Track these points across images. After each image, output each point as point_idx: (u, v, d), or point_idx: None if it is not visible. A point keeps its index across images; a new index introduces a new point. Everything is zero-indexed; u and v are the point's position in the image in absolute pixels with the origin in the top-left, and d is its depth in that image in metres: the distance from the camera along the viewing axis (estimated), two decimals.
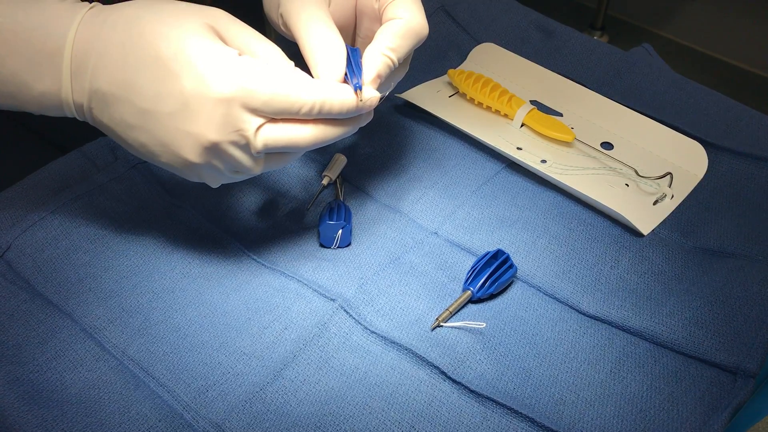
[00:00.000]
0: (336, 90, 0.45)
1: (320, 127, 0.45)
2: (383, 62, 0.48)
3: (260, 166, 0.46)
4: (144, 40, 0.42)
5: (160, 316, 0.51)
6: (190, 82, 0.42)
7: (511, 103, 0.65)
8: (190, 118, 0.42)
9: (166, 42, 0.42)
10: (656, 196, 0.59)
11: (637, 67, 0.71)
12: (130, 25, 0.43)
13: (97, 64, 0.43)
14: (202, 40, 0.42)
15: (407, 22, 0.49)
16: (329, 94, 0.44)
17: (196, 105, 0.42)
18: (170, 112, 0.42)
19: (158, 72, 0.42)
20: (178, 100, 0.42)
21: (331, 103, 0.44)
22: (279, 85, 0.43)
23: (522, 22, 0.76)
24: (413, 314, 0.51)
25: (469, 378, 0.47)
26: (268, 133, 0.44)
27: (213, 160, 0.44)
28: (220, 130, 0.43)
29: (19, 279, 0.52)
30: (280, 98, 0.43)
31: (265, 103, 0.43)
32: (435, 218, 0.58)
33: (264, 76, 0.43)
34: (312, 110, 0.44)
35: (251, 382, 0.48)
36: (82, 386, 0.47)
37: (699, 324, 0.49)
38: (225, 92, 0.42)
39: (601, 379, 0.48)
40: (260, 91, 0.42)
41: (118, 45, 0.43)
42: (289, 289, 0.53)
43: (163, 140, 0.44)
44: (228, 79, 0.42)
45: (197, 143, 0.43)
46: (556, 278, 0.54)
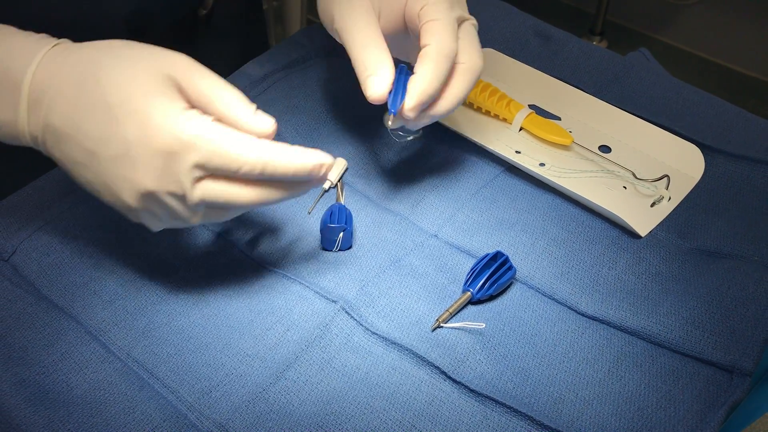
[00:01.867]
0: (283, 152, 0.44)
1: (263, 189, 0.45)
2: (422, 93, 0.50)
3: (198, 218, 0.46)
4: (97, 84, 0.43)
5: (163, 319, 0.52)
6: (132, 131, 0.42)
7: (509, 107, 0.66)
8: (130, 165, 0.43)
9: (116, 89, 0.43)
10: (654, 198, 0.60)
11: (634, 72, 0.72)
12: (88, 67, 0.44)
13: (52, 101, 0.44)
14: (151, 90, 0.43)
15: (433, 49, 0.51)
16: (274, 156, 0.44)
17: (136, 153, 0.43)
18: (112, 156, 0.43)
19: (105, 116, 0.43)
20: (120, 146, 0.43)
21: (275, 165, 0.44)
22: (220, 143, 0.43)
23: (521, 27, 0.77)
24: (414, 315, 0.52)
25: (469, 378, 0.48)
26: (206, 188, 0.44)
27: (150, 206, 0.45)
28: (158, 180, 0.43)
29: (24, 282, 0.53)
30: (220, 156, 0.43)
31: (203, 158, 0.43)
32: (435, 221, 0.59)
33: (206, 133, 0.43)
34: (252, 171, 0.44)
35: (254, 383, 0.48)
36: (88, 387, 0.48)
37: (696, 323, 0.50)
38: (164, 145, 0.42)
39: (599, 378, 0.48)
40: (199, 147, 0.42)
41: (74, 85, 0.44)
42: (292, 291, 0.54)
43: (105, 181, 0.45)
44: (169, 132, 0.42)
45: (135, 189, 0.44)
46: (555, 279, 0.54)
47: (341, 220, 0.56)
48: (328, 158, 0.46)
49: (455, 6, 0.53)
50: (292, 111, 0.68)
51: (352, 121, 0.67)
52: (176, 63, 0.45)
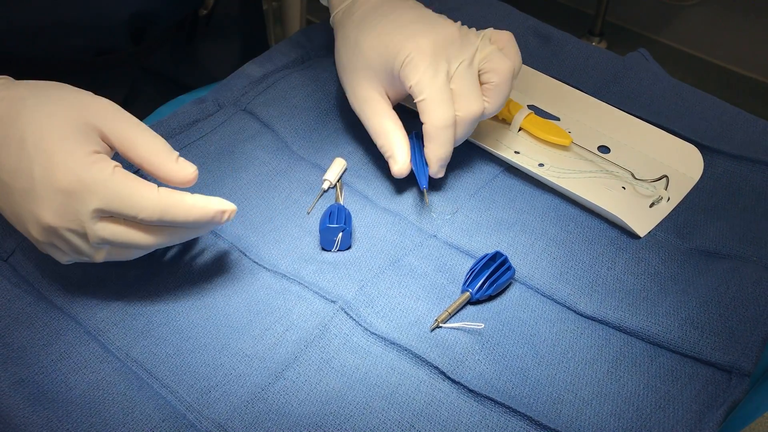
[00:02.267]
0: (182, 201, 0.46)
1: (163, 232, 0.48)
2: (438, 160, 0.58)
3: (102, 255, 0.48)
4: (17, 119, 0.46)
5: (162, 319, 0.52)
6: (39, 168, 0.45)
7: (508, 107, 0.66)
8: (35, 200, 0.45)
9: (32, 127, 0.45)
10: (653, 198, 0.60)
11: (633, 72, 0.72)
12: (13, 103, 0.46)
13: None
14: (64, 132, 0.45)
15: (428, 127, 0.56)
16: (173, 205, 0.46)
17: (41, 190, 0.45)
18: (21, 189, 0.45)
19: (19, 152, 0.45)
20: (27, 181, 0.45)
21: (174, 213, 0.46)
22: (120, 189, 0.45)
23: (519, 28, 0.77)
24: (413, 315, 0.52)
25: (468, 378, 0.48)
26: (106, 229, 0.46)
27: (54, 241, 0.47)
28: (59, 217, 0.45)
29: (23, 282, 0.53)
30: (119, 202, 0.45)
31: (103, 203, 0.45)
32: (434, 221, 0.59)
33: (107, 178, 0.45)
34: (151, 218, 0.46)
35: (253, 383, 0.48)
36: (87, 387, 0.48)
37: (694, 324, 0.50)
38: (66, 184, 0.44)
39: (598, 378, 0.48)
40: (99, 191, 0.45)
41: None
42: (291, 291, 0.54)
43: (16, 212, 0.47)
44: (72, 173, 0.44)
45: (38, 223, 0.46)
46: (554, 280, 0.54)
47: (340, 220, 0.56)
48: (229, 206, 0.48)
49: (440, 62, 0.55)
50: (292, 111, 0.68)
51: (351, 121, 0.67)
52: (101, 110, 0.47)
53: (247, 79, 0.70)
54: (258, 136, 0.66)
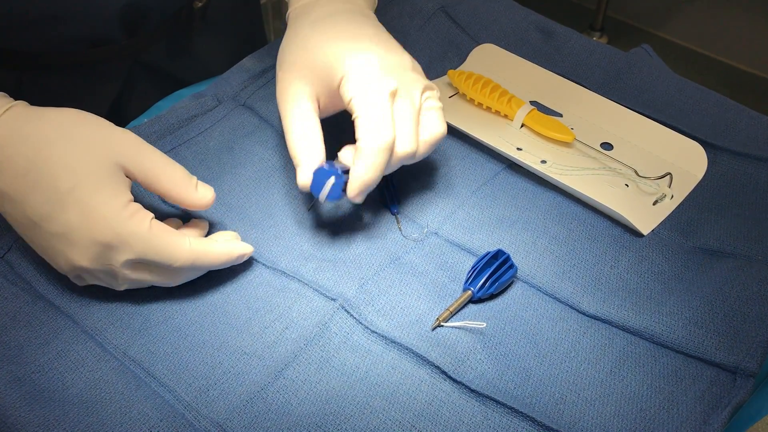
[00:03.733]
0: (210, 248, 0.50)
1: (188, 272, 0.51)
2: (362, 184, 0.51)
3: (124, 287, 0.51)
4: (47, 165, 0.46)
5: (160, 317, 0.52)
6: (75, 218, 0.46)
7: (511, 103, 0.65)
8: (70, 245, 0.47)
9: (66, 175, 0.46)
10: (656, 196, 0.59)
11: (636, 68, 0.71)
12: (40, 146, 0.46)
13: (2, 166, 0.46)
14: (98, 180, 0.46)
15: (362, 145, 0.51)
16: (202, 254, 0.50)
17: (78, 239, 0.47)
18: (54, 233, 0.47)
19: (52, 197, 0.46)
20: (62, 227, 0.46)
21: (203, 261, 0.50)
22: (156, 243, 0.48)
23: (522, 23, 0.76)
24: (414, 314, 0.51)
25: (469, 377, 0.47)
26: (137, 273, 0.49)
27: (82, 275, 0.49)
28: (93, 262, 0.47)
29: (20, 280, 0.53)
30: (155, 254, 0.48)
31: (138, 255, 0.47)
32: (435, 218, 0.59)
33: (144, 232, 0.47)
34: (183, 266, 0.49)
35: (252, 382, 0.48)
36: (84, 386, 0.47)
37: (698, 323, 0.50)
38: (104, 238, 0.46)
39: (601, 378, 0.48)
40: (135, 245, 0.47)
41: (24, 158, 0.46)
42: (290, 288, 0.53)
43: (44, 246, 0.49)
44: (109, 227, 0.46)
45: (70, 263, 0.48)
46: (556, 278, 0.54)
47: (336, 172, 0.52)
48: (249, 249, 0.53)
49: (383, 83, 0.51)
50: None
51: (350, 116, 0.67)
52: (124, 145, 0.48)
53: (246, 73, 0.70)
54: (258, 132, 0.65)
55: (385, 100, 0.51)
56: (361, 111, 0.51)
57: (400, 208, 0.59)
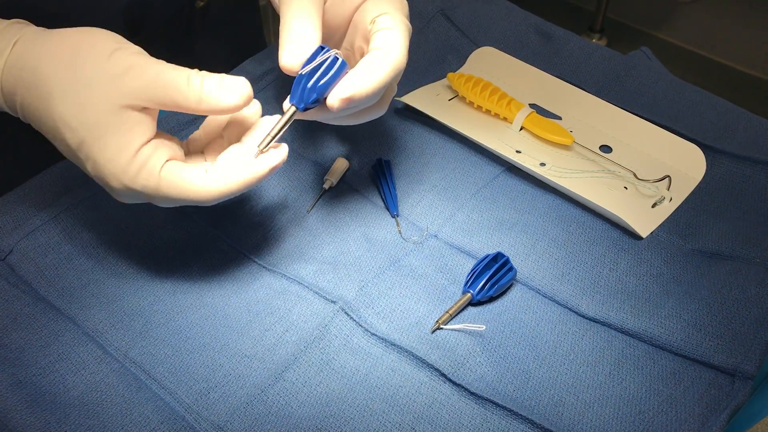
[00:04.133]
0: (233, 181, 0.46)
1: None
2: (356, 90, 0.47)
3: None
4: (54, 122, 0.45)
5: (161, 319, 0.52)
6: (92, 171, 0.46)
7: (510, 106, 0.66)
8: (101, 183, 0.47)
9: (70, 134, 0.45)
10: (655, 198, 0.60)
11: (635, 71, 0.71)
12: (43, 97, 0.45)
13: (23, 103, 0.46)
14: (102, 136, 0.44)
15: (387, 54, 0.48)
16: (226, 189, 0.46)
17: (102, 183, 0.47)
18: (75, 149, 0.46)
19: (66, 151, 0.46)
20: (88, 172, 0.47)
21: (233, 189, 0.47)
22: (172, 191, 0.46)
23: (521, 25, 0.76)
24: (413, 317, 0.51)
25: (469, 380, 0.48)
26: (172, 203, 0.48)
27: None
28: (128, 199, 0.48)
29: (21, 283, 0.53)
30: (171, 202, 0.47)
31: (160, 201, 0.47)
32: (435, 221, 0.59)
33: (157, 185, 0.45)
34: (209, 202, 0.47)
35: (253, 384, 0.48)
36: (85, 389, 0.47)
37: (697, 326, 0.50)
38: (121, 189, 0.46)
39: (600, 380, 0.48)
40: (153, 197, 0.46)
41: (35, 109, 0.45)
42: (291, 291, 0.53)
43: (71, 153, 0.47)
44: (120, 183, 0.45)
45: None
46: (556, 281, 0.54)
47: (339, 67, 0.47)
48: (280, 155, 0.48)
49: (406, 20, 0.51)
50: None
51: None
52: (129, 82, 0.45)
53: (246, 76, 0.69)
54: None
55: (407, 33, 0.50)
56: (392, 25, 0.49)
57: (399, 211, 0.59)
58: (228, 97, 0.46)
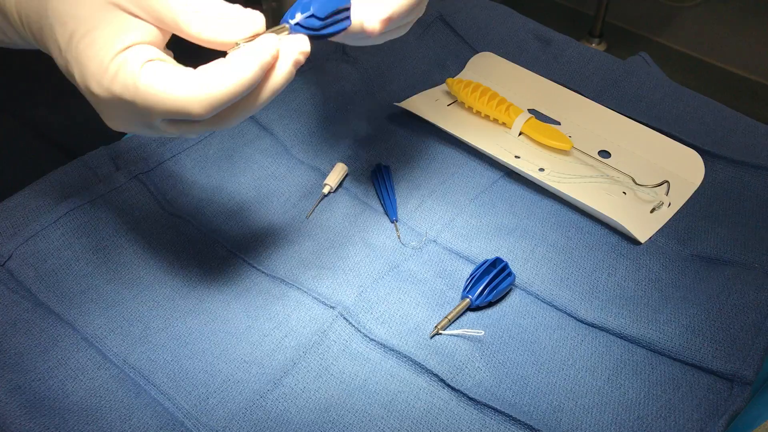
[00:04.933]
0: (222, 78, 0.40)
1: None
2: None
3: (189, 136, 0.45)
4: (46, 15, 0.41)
5: (160, 325, 0.52)
6: (79, 78, 0.41)
7: (509, 111, 0.66)
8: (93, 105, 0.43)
9: (62, 27, 0.40)
10: (653, 204, 0.60)
11: (634, 76, 0.71)
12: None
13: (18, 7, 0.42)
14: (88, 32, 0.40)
15: None
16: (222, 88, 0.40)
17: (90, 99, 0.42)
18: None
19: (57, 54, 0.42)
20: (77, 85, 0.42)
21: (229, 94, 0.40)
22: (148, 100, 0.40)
23: (520, 31, 0.76)
24: (412, 322, 0.52)
25: (467, 385, 0.48)
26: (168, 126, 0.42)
27: None
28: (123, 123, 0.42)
29: (21, 288, 0.53)
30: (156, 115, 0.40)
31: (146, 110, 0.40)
32: (434, 226, 0.59)
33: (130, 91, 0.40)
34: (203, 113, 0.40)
35: (251, 390, 0.48)
36: (84, 394, 0.47)
37: (696, 331, 0.50)
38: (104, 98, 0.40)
39: (598, 386, 0.48)
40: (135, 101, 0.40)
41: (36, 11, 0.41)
42: (289, 296, 0.53)
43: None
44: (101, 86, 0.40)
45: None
46: (554, 286, 0.54)
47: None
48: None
49: None
50: (291, 115, 0.67)
51: (352, 126, 0.67)
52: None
53: None
54: (257, 140, 0.65)
55: None
56: None
57: (398, 216, 0.60)
58: (231, 33, 0.41)
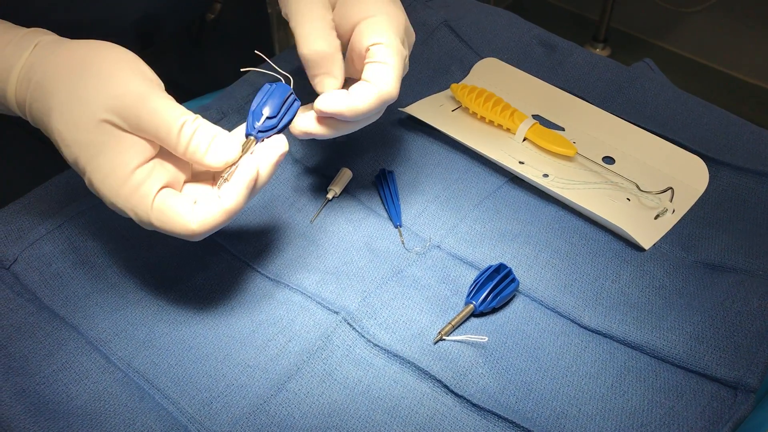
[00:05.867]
0: (218, 210, 0.46)
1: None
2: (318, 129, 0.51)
3: None
4: (51, 134, 0.46)
5: (165, 329, 0.52)
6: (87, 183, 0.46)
7: (513, 117, 0.66)
8: None
9: (67, 149, 0.45)
10: (657, 210, 0.60)
11: (638, 82, 0.71)
12: (44, 112, 0.45)
13: (31, 114, 0.47)
14: (93, 157, 0.44)
15: (375, 87, 0.50)
16: (211, 219, 0.46)
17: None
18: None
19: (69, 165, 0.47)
20: None
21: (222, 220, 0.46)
22: (161, 217, 0.46)
23: (525, 36, 0.76)
24: (416, 327, 0.52)
25: (471, 391, 0.48)
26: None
27: None
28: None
29: (26, 292, 0.53)
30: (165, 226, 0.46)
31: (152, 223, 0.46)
32: (437, 231, 0.59)
33: (149, 211, 0.45)
34: (197, 236, 0.46)
35: (255, 394, 0.48)
36: (88, 398, 0.48)
37: (699, 338, 0.50)
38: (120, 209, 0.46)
39: (602, 393, 0.48)
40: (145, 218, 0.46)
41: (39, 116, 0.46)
42: (293, 301, 0.54)
43: None
44: (118, 203, 0.45)
45: None
46: (558, 292, 0.54)
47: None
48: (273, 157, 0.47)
49: (404, 46, 0.52)
50: None
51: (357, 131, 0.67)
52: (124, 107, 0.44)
53: (250, 87, 0.70)
54: None
55: (402, 64, 0.51)
56: (385, 59, 0.50)
57: (402, 221, 0.60)
58: (213, 158, 0.46)
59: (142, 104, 0.44)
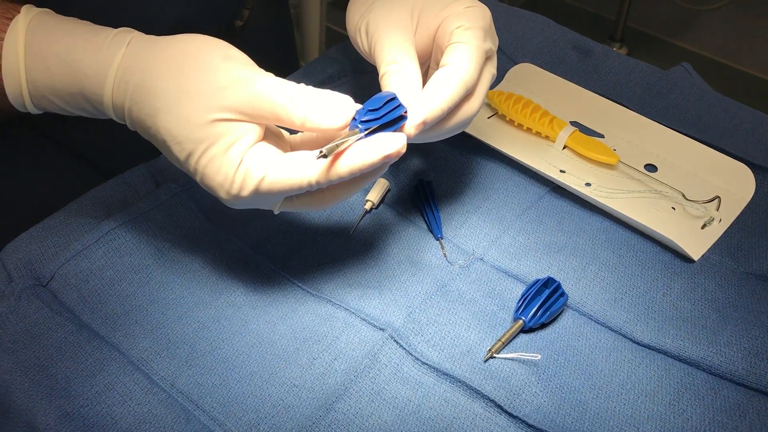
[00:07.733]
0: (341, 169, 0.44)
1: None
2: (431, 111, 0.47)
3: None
4: (159, 133, 0.45)
5: (206, 347, 0.51)
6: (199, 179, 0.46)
7: (552, 124, 0.64)
8: None
9: (178, 146, 0.45)
10: (704, 219, 0.58)
11: (677, 87, 0.70)
12: (149, 113, 0.45)
13: (131, 117, 0.46)
14: (205, 150, 0.44)
15: (454, 71, 0.48)
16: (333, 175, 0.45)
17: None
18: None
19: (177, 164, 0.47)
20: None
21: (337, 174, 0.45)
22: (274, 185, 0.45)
23: (559, 41, 0.75)
24: (464, 344, 0.50)
25: (526, 411, 0.46)
26: (283, 205, 0.49)
27: None
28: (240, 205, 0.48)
29: (64, 310, 0.52)
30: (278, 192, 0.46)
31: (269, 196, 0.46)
32: (480, 243, 0.58)
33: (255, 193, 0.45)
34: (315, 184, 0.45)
35: (303, 415, 0.47)
36: (132, 421, 0.46)
37: (759, 355, 0.48)
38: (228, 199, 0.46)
39: (660, 411, 0.47)
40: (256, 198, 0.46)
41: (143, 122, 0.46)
42: (337, 317, 0.52)
43: None
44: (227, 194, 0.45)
45: None
46: (608, 306, 0.53)
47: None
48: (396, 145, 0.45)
49: (488, 39, 0.51)
50: None
51: None
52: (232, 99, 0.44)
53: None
54: None
55: (484, 50, 0.50)
56: (466, 39, 0.49)
57: (443, 233, 0.58)
58: (331, 119, 0.44)
59: (251, 89, 0.44)
